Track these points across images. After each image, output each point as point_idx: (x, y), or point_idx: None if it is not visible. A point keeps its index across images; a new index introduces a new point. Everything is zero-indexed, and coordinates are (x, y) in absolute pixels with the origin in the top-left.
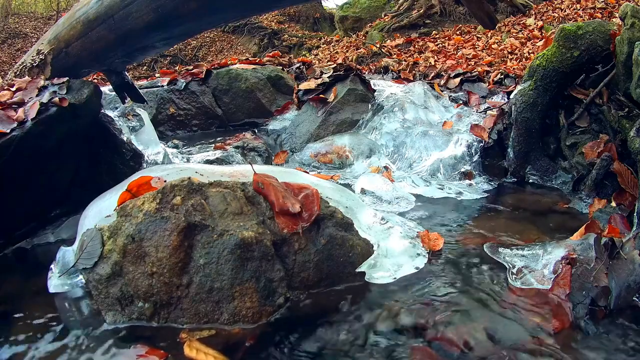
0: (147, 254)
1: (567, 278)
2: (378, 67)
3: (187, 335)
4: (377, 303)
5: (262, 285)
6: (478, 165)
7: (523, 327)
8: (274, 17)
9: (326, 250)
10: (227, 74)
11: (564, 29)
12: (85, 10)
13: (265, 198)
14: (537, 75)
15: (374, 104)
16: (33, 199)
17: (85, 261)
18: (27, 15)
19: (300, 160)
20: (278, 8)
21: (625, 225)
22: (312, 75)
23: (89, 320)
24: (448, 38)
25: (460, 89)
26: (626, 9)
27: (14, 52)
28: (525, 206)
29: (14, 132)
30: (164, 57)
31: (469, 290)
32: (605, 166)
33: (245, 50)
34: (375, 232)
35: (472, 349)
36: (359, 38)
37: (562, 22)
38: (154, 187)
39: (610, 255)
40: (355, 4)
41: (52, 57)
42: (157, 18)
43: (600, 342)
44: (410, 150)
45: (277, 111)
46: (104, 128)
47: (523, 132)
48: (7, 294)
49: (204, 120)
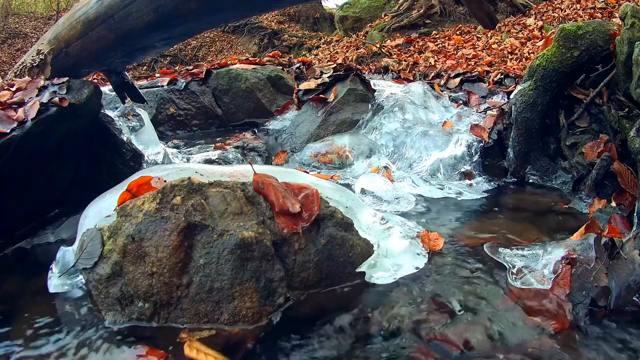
0: (147, 254)
1: (567, 278)
2: (378, 67)
3: (187, 335)
4: (377, 303)
5: (262, 285)
6: (478, 165)
7: (523, 327)
8: (274, 17)
9: (326, 250)
10: (227, 74)
11: (564, 29)
12: (85, 10)
13: (265, 198)
14: (537, 75)
15: (374, 104)
16: (33, 199)
17: (85, 261)
18: (27, 15)
19: (300, 160)
20: (278, 8)
21: (625, 225)
22: (312, 75)
23: (89, 320)
24: (448, 38)
25: (460, 89)
26: (626, 9)
27: (14, 52)
28: (525, 206)
29: (14, 132)
30: (164, 57)
31: (468, 290)
32: (605, 166)
33: (245, 50)
34: (375, 232)
35: (472, 349)
36: (359, 38)
37: (562, 22)
38: (154, 187)
39: (610, 255)
40: (355, 4)
41: (52, 57)
42: (157, 18)
43: (600, 342)
44: (410, 150)
45: (277, 111)
46: (104, 128)
47: (523, 132)
48: (7, 294)
49: (204, 120)
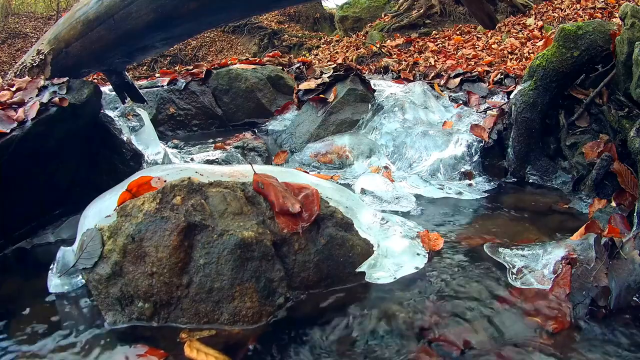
0: (147, 254)
1: (567, 278)
2: (378, 67)
3: (187, 335)
4: (377, 303)
5: (262, 285)
6: (478, 165)
7: (523, 327)
8: (274, 17)
9: (326, 250)
10: (227, 74)
11: (564, 29)
12: (85, 10)
13: (265, 198)
14: (537, 75)
15: (374, 104)
16: (33, 199)
17: (85, 261)
18: (27, 15)
19: (300, 160)
20: (278, 8)
21: (625, 225)
22: (312, 75)
23: (89, 320)
24: (448, 38)
25: (460, 89)
26: (626, 9)
27: (14, 52)
28: (525, 206)
29: (14, 132)
30: (164, 57)
31: (469, 290)
32: (605, 166)
33: (245, 50)
34: (375, 232)
35: (472, 349)
36: (359, 38)
37: (562, 22)
38: (154, 187)
39: (610, 255)
40: (355, 4)
41: (52, 57)
42: (157, 18)
43: (600, 342)
44: (410, 150)
45: (277, 111)
46: (104, 128)
47: (523, 132)
48: (7, 294)
49: (204, 120)
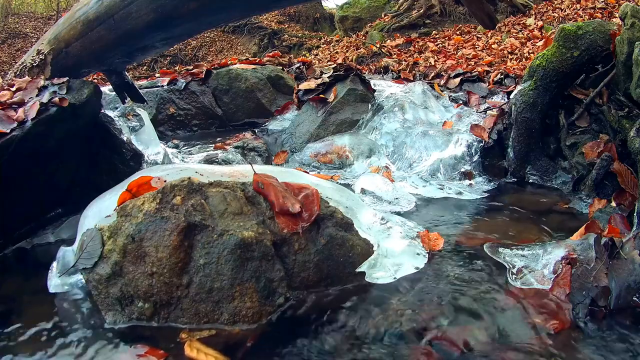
0: (147, 254)
1: (567, 278)
2: (378, 67)
3: (187, 335)
4: (377, 303)
5: (262, 285)
6: (478, 165)
7: (523, 327)
8: (274, 17)
9: (326, 250)
10: (227, 74)
11: (564, 29)
12: (85, 10)
13: (265, 198)
14: (537, 75)
15: (374, 104)
16: (33, 199)
17: (85, 261)
18: (27, 15)
19: (300, 160)
20: (278, 8)
21: (625, 225)
22: (312, 75)
23: (89, 320)
24: (448, 38)
25: (460, 89)
26: (626, 9)
27: (14, 52)
28: (525, 206)
29: (14, 132)
30: (164, 57)
31: (469, 290)
32: (605, 166)
33: (245, 50)
34: (375, 232)
35: (473, 349)
36: (359, 38)
37: (562, 22)
38: (154, 187)
39: (610, 255)
40: (355, 4)
41: (52, 57)
42: (157, 18)
43: (600, 342)
44: (410, 150)
45: (277, 111)
46: (104, 128)
47: (523, 132)
48: (7, 294)
49: (204, 120)
